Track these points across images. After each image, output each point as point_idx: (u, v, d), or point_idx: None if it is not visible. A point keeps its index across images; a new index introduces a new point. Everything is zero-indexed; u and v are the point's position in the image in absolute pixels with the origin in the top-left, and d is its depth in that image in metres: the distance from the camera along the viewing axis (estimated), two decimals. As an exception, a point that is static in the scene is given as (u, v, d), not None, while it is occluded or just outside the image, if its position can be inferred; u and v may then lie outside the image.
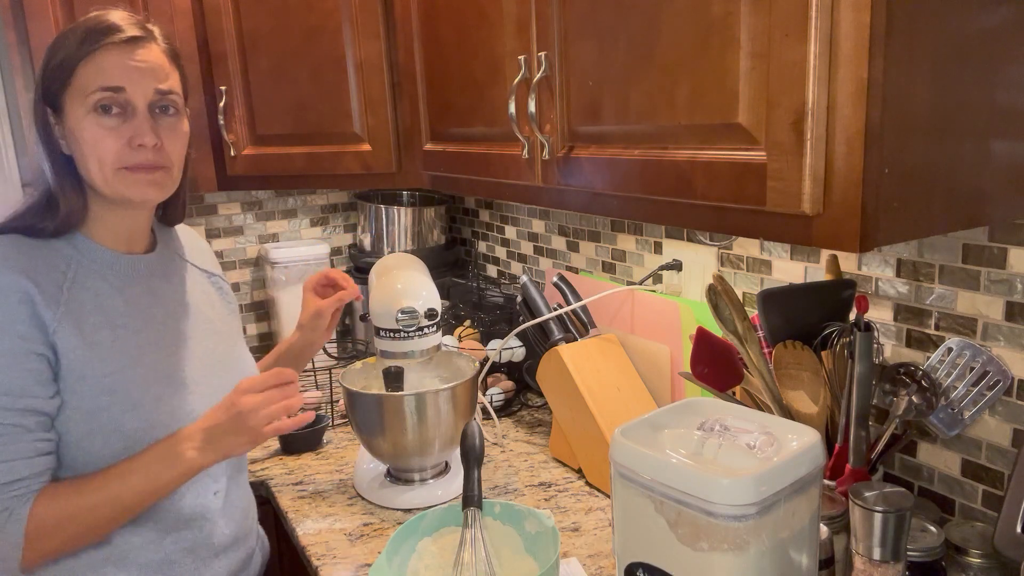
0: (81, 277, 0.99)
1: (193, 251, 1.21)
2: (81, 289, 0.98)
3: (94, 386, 0.97)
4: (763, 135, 0.81)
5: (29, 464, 0.93)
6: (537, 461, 1.52)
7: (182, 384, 1.05)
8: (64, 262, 0.99)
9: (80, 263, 1.00)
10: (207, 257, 1.24)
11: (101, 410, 0.97)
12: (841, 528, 0.98)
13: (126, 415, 0.98)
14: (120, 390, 0.98)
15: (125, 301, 1.03)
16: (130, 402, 0.98)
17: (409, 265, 1.43)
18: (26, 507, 0.92)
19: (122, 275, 1.04)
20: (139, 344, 1.02)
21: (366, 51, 1.64)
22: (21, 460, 0.93)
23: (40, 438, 0.94)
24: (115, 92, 0.98)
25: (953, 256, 1.05)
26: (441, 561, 1.09)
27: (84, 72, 0.97)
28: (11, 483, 0.92)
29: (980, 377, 1.00)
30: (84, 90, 0.97)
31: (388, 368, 1.36)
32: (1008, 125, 0.84)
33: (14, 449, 0.92)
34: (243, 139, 1.81)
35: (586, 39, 1.05)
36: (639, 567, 0.89)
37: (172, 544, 1.05)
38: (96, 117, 0.97)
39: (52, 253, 0.98)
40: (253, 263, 2.29)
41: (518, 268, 2.10)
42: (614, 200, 1.08)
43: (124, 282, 1.04)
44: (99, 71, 0.97)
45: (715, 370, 1.16)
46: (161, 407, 1.01)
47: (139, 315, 1.04)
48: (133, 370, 1.00)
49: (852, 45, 0.72)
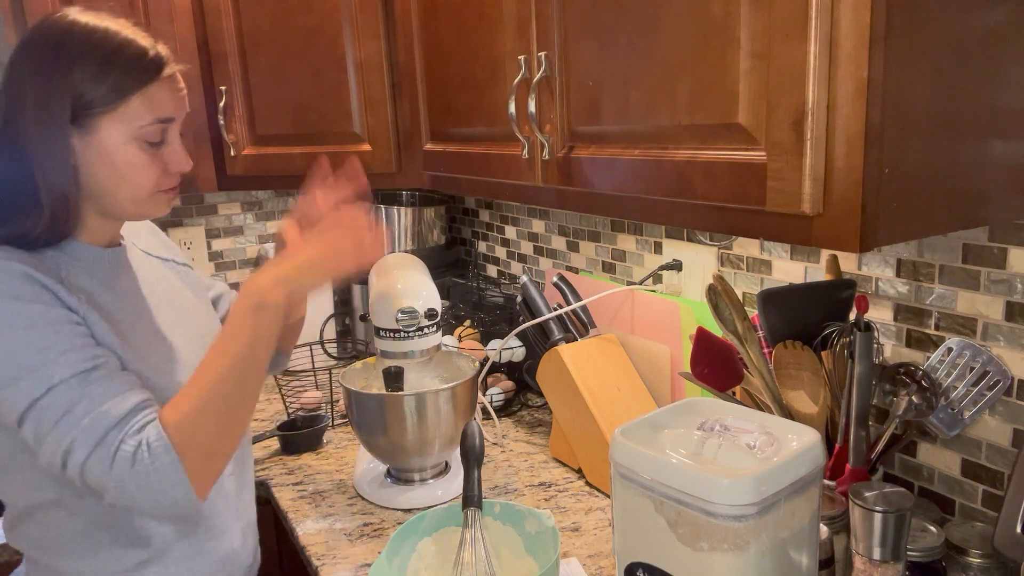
0: (72, 279, 0.97)
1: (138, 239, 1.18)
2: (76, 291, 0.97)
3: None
4: (763, 135, 0.81)
5: (137, 391, 0.91)
6: (537, 461, 1.52)
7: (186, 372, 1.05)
8: (54, 264, 0.97)
9: (69, 265, 0.98)
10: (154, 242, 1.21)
11: None
12: (841, 528, 0.98)
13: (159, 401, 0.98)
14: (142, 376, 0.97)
15: (115, 296, 1.02)
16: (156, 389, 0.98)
17: (409, 265, 1.43)
18: (156, 425, 0.89)
19: (107, 270, 1.03)
20: (138, 336, 1.02)
21: (366, 51, 1.64)
22: (129, 390, 0.90)
23: (129, 372, 0.93)
24: (166, 123, 0.99)
25: (953, 256, 1.05)
26: (441, 561, 1.09)
27: (138, 102, 0.95)
28: (131, 412, 0.89)
29: (980, 377, 1.00)
30: (133, 119, 0.95)
31: (388, 368, 1.36)
32: (1008, 125, 0.84)
33: (117, 384, 0.90)
34: (243, 139, 1.81)
35: (586, 39, 1.05)
36: (639, 567, 0.89)
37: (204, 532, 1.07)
38: (140, 144, 0.97)
39: (43, 259, 0.96)
40: (253, 263, 2.29)
41: (518, 268, 2.10)
42: (614, 200, 1.08)
43: (109, 277, 1.03)
44: (152, 103, 0.96)
45: (715, 370, 1.16)
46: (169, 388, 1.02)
47: (130, 308, 1.03)
48: (145, 361, 1.00)
49: (852, 45, 0.72)
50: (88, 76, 0.93)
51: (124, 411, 0.88)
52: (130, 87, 0.95)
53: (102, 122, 0.95)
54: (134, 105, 0.95)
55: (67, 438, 0.87)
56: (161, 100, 0.97)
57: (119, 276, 1.05)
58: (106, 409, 0.88)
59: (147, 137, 0.97)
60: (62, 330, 0.90)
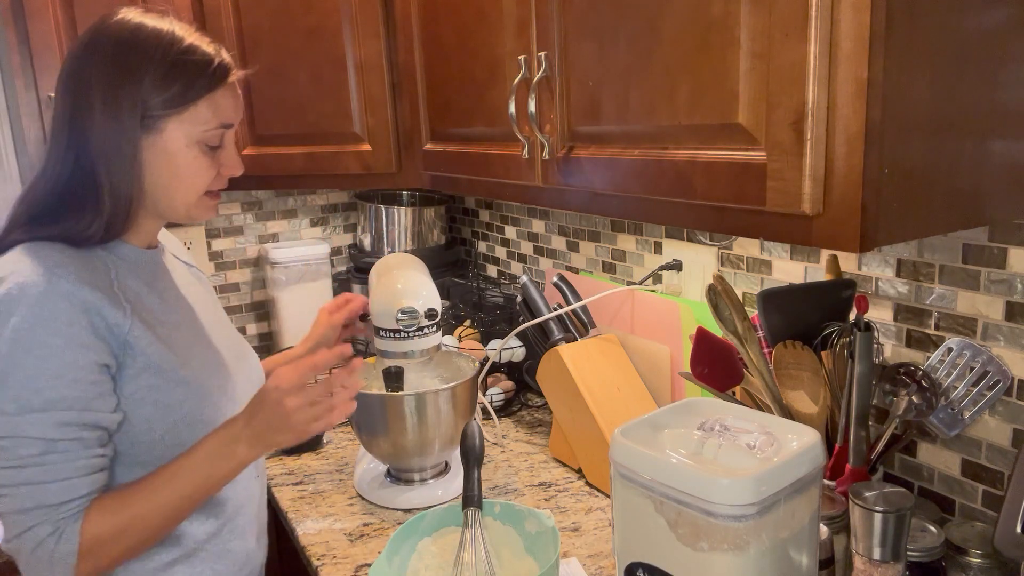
0: (121, 278, 0.98)
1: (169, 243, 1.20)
2: (127, 291, 0.98)
3: (171, 379, 0.97)
4: (763, 135, 0.81)
5: (87, 482, 0.92)
6: (537, 461, 1.52)
7: (227, 372, 1.07)
8: (103, 265, 0.97)
9: (117, 265, 0.99)
10: (181, 249, 1.24)
11: (180, 402, 0.98)
12: (841, 528, 0.98)
13: (202, 404, 1.00)
14: (192, 382, 0.99)
15: (159, 298, 1.03)
16: (202, 392, 1.00)
17: (409, 265, 1.43)
18: (77, 524, 0.91)
19: (149, 271, 1.04)
20: (184, 338, 1.03)
21: (366, 51, 1.64)
22: (79, 477, 0.91)
23: (97, 454, 0.93)
24: (227, 128, 1.01)
25: (953, 256, 1.05)
26: (441, 561, 1.09)
27: (205, 106, 0.97)
28: (67, 503, 0.90)
29: (980, 377, 1.00)
30: (199, 122, 0.97)
31: (388, 368, 1.36)
32: (1008, 125, 0.84)
33: (74, 467, 0.91)
34: (243, 139, 1.81)
35: (586, 39, 1.05)
36: (639, 567, 0.89)
37: (229, 532, 1.08)
38: (202, 147, 0.99)
39: (93, 258, 0.97)
40: (253, 263, 2.29)
41: (518, 268, 2.10)
42: (614, 200, 1.08)
43: (151, 278, 1.04)
44: (218, 108, 0.98)
45: (715, 370, 1.16)
46: (224, 395, 1.04)
47: (173, 310, 1.04)
48: (193, 362, 1.01)
49: (852, 45, 0.72)
50: (157, 80, 0.95)
51: (60, 500, 0.90)
52: (197, 93, 0.96)
53: (168, 124, 0.96)
54: (201, 109, 0.97)
55: (2, 489, 0.90)
56: (225, 106, 1.00)
57: (160, 277, 1.06)
58: (48, 488, 0.90)
59: (209, 141, 0.99)
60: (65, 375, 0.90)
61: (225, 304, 2.25)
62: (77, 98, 0.95)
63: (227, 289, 2.26)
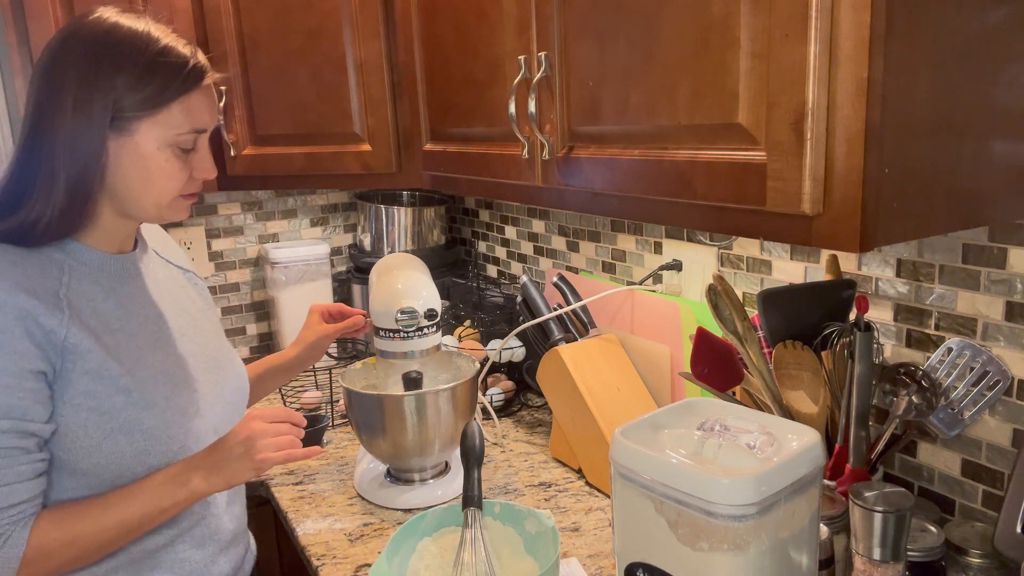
0: (75, 283, 0.97)
1: (162, 246, 1.19)
2: (77, 295, 0.97)
3: (110, 386, 0.96)
4: (763, 135, 0.81)
5: (28, 487, 0.92)
6: (537, 461, 1.52)
7: (185, 383, 1.05)
8: (57, 268, 0.96)
9: (72, 268, 0.98)
10: (178, 252, 1.23)
11: (119, 409, 0.97)
12: (841, 528, 0.98)
13: (144, 413, 0.98)
14: (135, 389, 0.98)
15: (117, 304, 1.02)
16: (145, 401, 0.99)
17: (409, 265, 1.43)
18: (25, 531, 0.91)
19: (112, 276, 1.03)
20: (139, 346, 1.02)
21: (366, 51, 1.64)
22: (21, 483, 0.91)
23: (37, 459, 0.93)
24: (200, 133, 1.00)
25: (953, 256, 1.05)
26: (441, 561, 1.09)
27: (177, 109, 0.96)
28: (11, 507, 0.91)
29: (980, 377, 1.00)
30: (171, 126, 0.96)
31: (408, 373, 1.36)
32: (1008, 125, 0.84)
33: (15, 472, 0.91)
34: (243, 139, 1.81)
35: (586, 39, 1.05)
36: (639, 567, 0.89)
37: (183, 543, 1.06)
38: (174, 151, 0.98)
39: (44, 260, 0.96)
40: (253, 263, 2.29)
41: (518, 268, 2.10)
42: (614, 200, 1.08)
43: (114, 283, 1.03)
44: (190, 112, 0.97)
45: (715, 370, 1.16)
46: (172, 406, 1.02)
47: (132, 317, 1.03)
48: (141, 372, 1.00)
49: (852, 45, 0.72)
50: (131, 81, 0.94)
51: (4, 504, 0.90)
52: (171, 95, 0.95)
53: (140, 126, 0.95)
54: (174, 112, 0.96)
55: None
56: (199, 110, 0.99)
57: (125, 283, 1.05)
58: None
59: (181, 144, 0.98)
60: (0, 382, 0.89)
61: (225, 304, 2.25)
62: (49, 94, 0.94)
63: (227, 289, 2.26)
